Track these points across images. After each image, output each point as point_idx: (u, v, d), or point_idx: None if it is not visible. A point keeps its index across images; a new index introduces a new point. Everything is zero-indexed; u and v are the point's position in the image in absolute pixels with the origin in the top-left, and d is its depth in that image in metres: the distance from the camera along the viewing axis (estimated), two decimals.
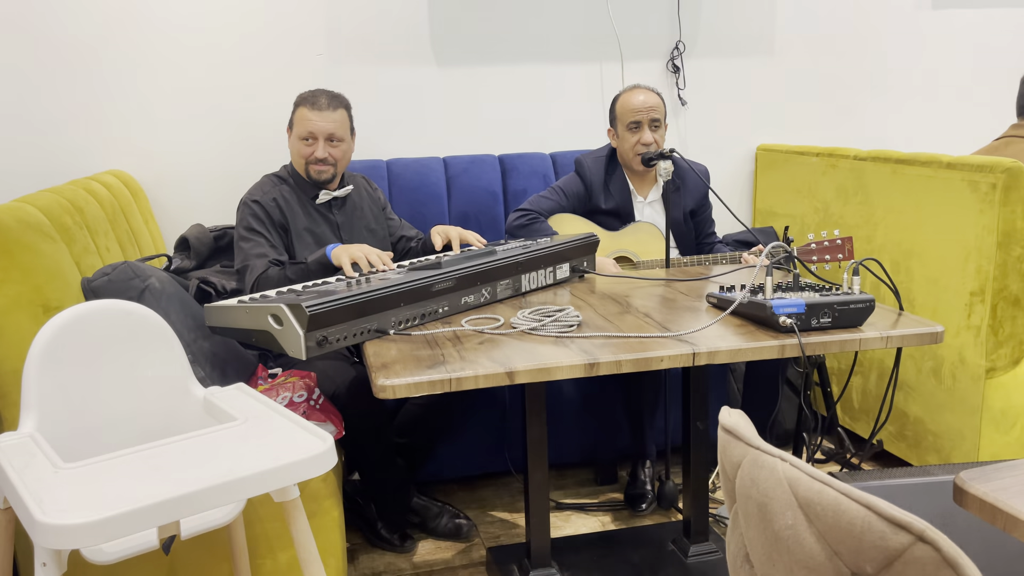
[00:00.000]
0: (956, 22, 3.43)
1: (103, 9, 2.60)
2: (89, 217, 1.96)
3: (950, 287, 2.31)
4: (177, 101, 2.72)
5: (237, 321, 1.71)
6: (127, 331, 1.42)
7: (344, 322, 1.64)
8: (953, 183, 2.27)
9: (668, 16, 3.11)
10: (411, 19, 2.87)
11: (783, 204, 3.10)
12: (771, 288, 1.68)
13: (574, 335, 1.66)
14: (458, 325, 1.77)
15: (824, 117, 3.36)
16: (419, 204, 2.86)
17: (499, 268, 1.96)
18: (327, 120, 2.25)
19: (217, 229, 2.53)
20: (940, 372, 2.36)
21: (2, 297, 1.54)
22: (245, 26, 2.73)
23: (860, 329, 1.66)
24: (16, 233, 1.54)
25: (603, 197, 2.60)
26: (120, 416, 1.41)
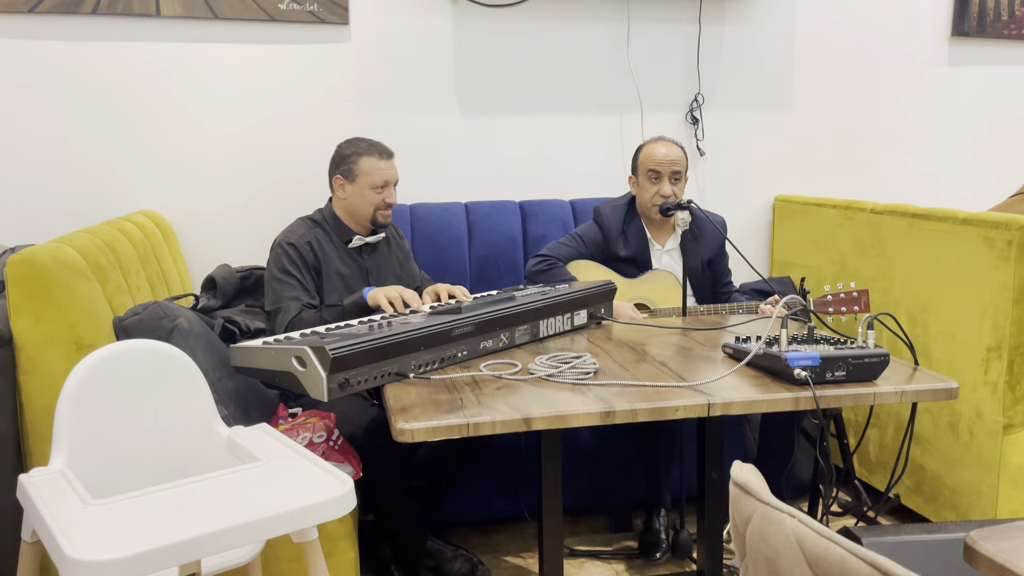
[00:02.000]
0: (972, 79, 3.48)
1: (143, 58, 2.71)
2: (122, 257, 2.02)
3: (967, 342, 2.31)
4: (208, 145, 2.80)
5: (261, 362, 1.75)
6: (157, 370, 1.47)
7: (365, 365, 1.68)
8: (969, 239, 2.29)
9: (687, 69, 3.18)
10: (438, 70, 2.96)
11: (800, 255, 3.13)
12: (786, 340, 1.70)
13: (591, 382, 1.69)
14: (476, 370, 1.80)
15: (841, 170, 3.40)
16: (441, 248, 2.92)
17: (518, 314, 1.99)
18: (392, 167, 2.40)
19: (243, 269, 2.59)
20: (957, 427, 2.35)
21: (38, 334, 1.59)
22: (276, 75, 2.83)
23: (875, 383, 1.67)
24: (54, 273, 1.59)
25: (621, 244, 2.64)
26: (147, 453, 1.44)
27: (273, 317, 2.30)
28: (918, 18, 3.38)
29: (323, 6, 2.81)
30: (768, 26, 3.23)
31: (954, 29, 3.40)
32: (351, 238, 2.41)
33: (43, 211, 2.69)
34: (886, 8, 3.34)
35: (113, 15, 2.66)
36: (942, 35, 3.41)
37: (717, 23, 3.18)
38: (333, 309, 2.27)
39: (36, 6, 2.60)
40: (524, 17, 3.00)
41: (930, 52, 3.42)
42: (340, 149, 2.41)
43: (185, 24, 2.72)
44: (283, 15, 2.78)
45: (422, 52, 2.94)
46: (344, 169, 2.37)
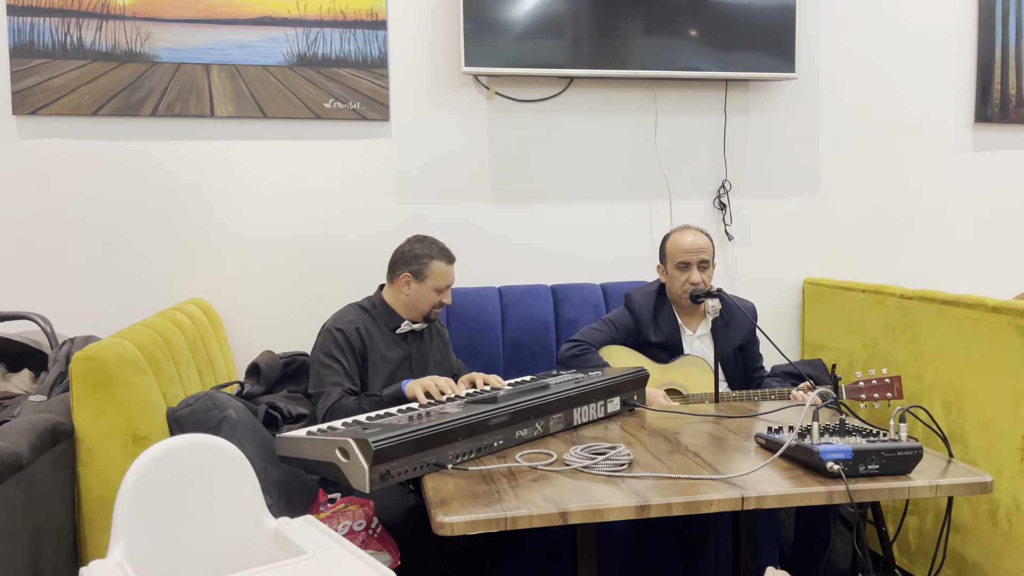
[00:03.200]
0: (997, 163, 3.53)
1: (198, 155, 2.87)
2: (175, 348, 2.12)
3: (1003, 430, 2.31)
4: (256, 235, 2.94)
5: (306, 452, 1.81)
6: (209, 464, 1.54)
7: (406, 456, 1.73)
8: (1000, 327, 2.31)
9: (714, 157, 3.28)
10: (473, 161, 3.09)
11: (831, 338, 3.15)
12: (818, 432, 1.73)
13: (625, 475, 1.72)
14: (512, 460, 1.85)
15: (868, 252, 3.44)
16: (475, 332, 2.99)
17: (552, 402, 2.04)
18: (454, 272, 2.54)
19: (286, 356, 2.68)
20: (996, 516, 2.33)
21: (98, 428, 1.68)
22: (321, 169, 2.98)
23: (909, 476, 1.69)
24: (115, 369, 1.69)
25: (652, 330, 2.69)
26: (199, 545, 1.50)
27: (315, 400, 2.38)
28: (941, 105, 3.47)
29: (366, 104, 2.97)
30: (793, 114, 3.34)
31: (977, 115, 3.48)
32: (398, 325, 2.50)
33: (100, 301, 2.82)
34: (909, 95, 3.43)
35: (171, 116, 2.84)
36: (966, 121, 3.49)
37: (743, 113, 3.29)
38: (371, 399, 2.34)
39: (99, 109, 2.79)
40: (555, 111, 3.14)
41: (954, 137, 3.49)
42: (413, 248, 2.50)
43: (237, 123, 2.89)
44: (328, 113, 2.95)
45: (458, 145, 3.08)
46: (415, 269, 2.47)
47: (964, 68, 3.47)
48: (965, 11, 3.45)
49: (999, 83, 3.47)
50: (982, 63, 3.45)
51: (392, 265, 2.53)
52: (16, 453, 1.41)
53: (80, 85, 2.77)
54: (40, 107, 2.75)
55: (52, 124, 2.78)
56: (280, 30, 2.89)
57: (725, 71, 3.11)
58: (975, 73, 3.47)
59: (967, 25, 3.45)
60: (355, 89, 2.96)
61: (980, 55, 3.45)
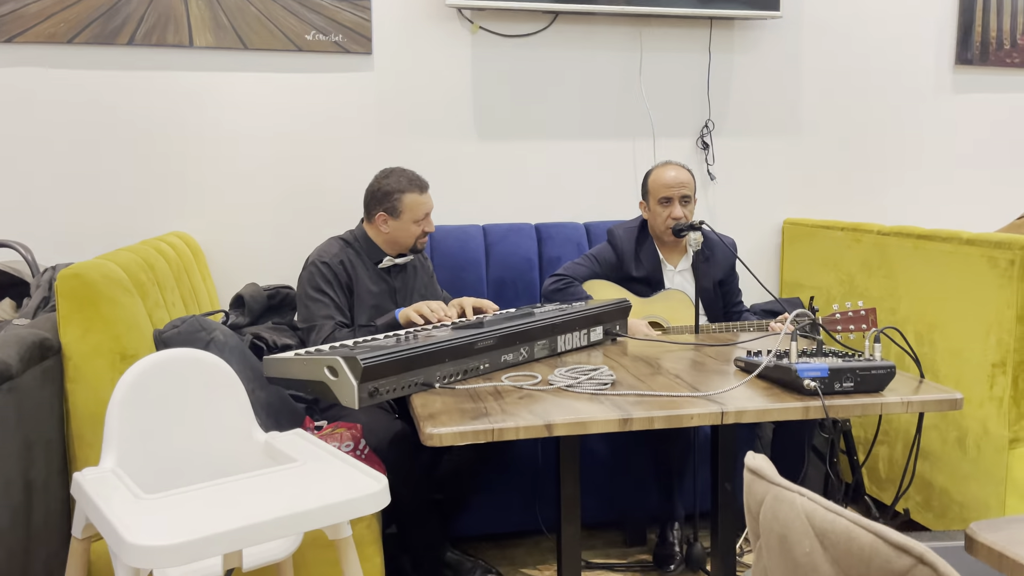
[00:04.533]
0: (976, 106, 3.57)
1: (176, 87, 2.83)
2: (159, 274, 2.12)
3: (972, 359, 2.38)
4: (237, 169, 2.91)
5: (295, 372, 1.84)
6: (199, 378, 1.55)
7: (394, 375, 1.76)
8: (973, 259, 2.36)
9: (698, 97, 3.28)
10: (456, 97, 3.07)
11: (809, 276, 3.20)
12: (796, 353, 1.77)
13: (608, 392, 1.76)
14: (498, 381, 1.88)
15: (848, 194, 3.48)
16: (459, 269, 3.01)
17: (537, 329, 2.08)
18: (430, 199, 2.51)
19: (270, 288, 2.68)
20: (965, 442, 2.41)
21: (85, 345, 1.68)
22: (303, 103, 2.95)
23: (881, 394, 1.74)
24: (101, 287, 1.69)
25: (634, 265, 2.72)
26: (189, 455, 1.52)
27: (306, 334, 2.38)
28: (922, 47, 3.48)
29: (348, 37, 2.93)
30: (776, 55, 3.34)
31: (957, 58, 3.50)
32: (381, 259, 2.50)
33: (79, 232, 2.80)
34: (891, 38, 3.44)
35: (148, 46, 2.79)
36: (946, 64, 3.51)
37: (727, 52, 3.28)
38: (366, 329, 2.36)
39: (75, 37, 2.73)
40: (540, 46, 3.12)
41: (934, 80, 3.51)
42: (381, 185, 2.47)
43: (217, 54, 2.85)
44: (309, 45, 2.91)
45: (441, 80, 3.05)
46: (388, 206, 2.45)
47: (946, 10, 3.48)
48: None
49: (980, 26, 3.48)
50: (964, 5, 3.46)
51: (366, 205, 2.51)
52: (5, 363, 1.41)
53: (55, 12, 2.71)
54: (15, 35, 2.69)
55: (28, 52, 2.72)
56: None
57: (710, 8, 3.10)
58: (957, 15, 3.48)
59: None
60: (337, 21, 2.92)
61: None
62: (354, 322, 2.45)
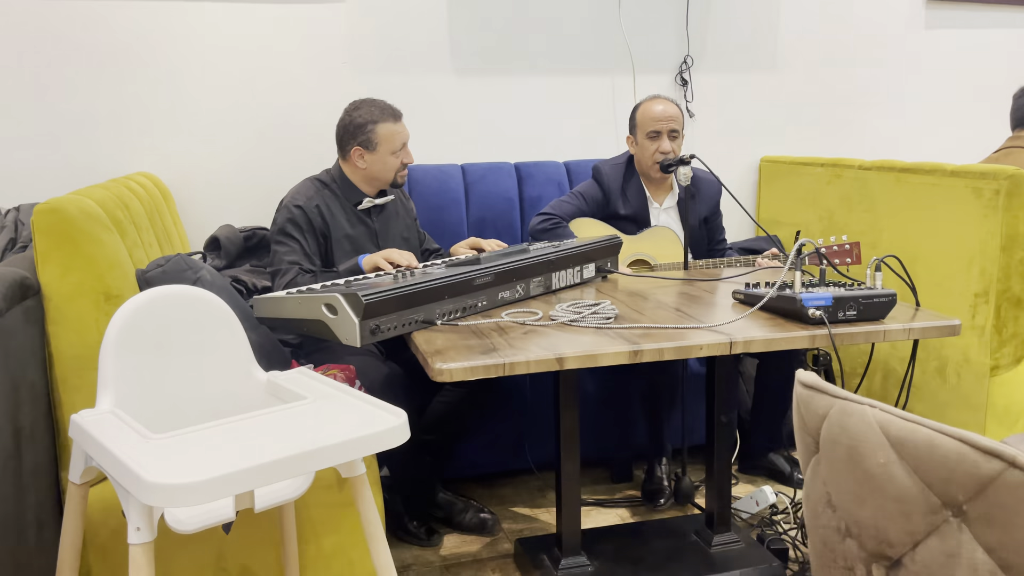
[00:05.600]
0: (947, 42, 3.58)
1: (133, 15, 2.66)
2: (134, 213, 2.02)
3: (954, 289, 2.41)
4: (202, 105, 2.78)
5: (288, 312, 1.77)
6: (195, 315, 1.48)
7: (394, 312, 1.71)
8: (957, 190, 2.38)
9: (677, 32, 3.22)
10: (431, 30, 2.96)
11: (787, 214, 3.21)
12: (799, 283, 1.77)
13: (613, 326, 1.74)
14: (498, 318, 1.84)
15: (823, 131, 3.48)
16: (439, 209, 2.94)
17: (533, 266, 2.04)
18: (405, 127, 2.40)
19: (246, 230, 2.58)
20: (945, 371, 2.46)
21: (67, 285, 1.59)
22: (269, 34, 2.81)
23: (883, 322, 1.75)
24: (81, 223, 1.59)
25: (621, 203, 2.68)
26: (188, 396, 1.46)
27: (272, 278, 2.30)
28: None
29: None
30: None
31: None
32: (360, 200, 2.41)
33: (37, 171, 2.65)
34: None
35: None
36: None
37: None
38: (328, 275, 2.27)
39: None
40: None
41: (908, 15, 3.51)
42: (353, 118, 2.36)
43: None
44: None
45: (416, 10, 2.93)
46: (363, 139, 2.34)
47: None
48: None
49: None
50: None
51: (339, 141, 2.41)
52: None
53: None
54: None
55: None
56: None
57: None
58: None
59: None
60: None
61: None
62: (334, 265, 2.37)
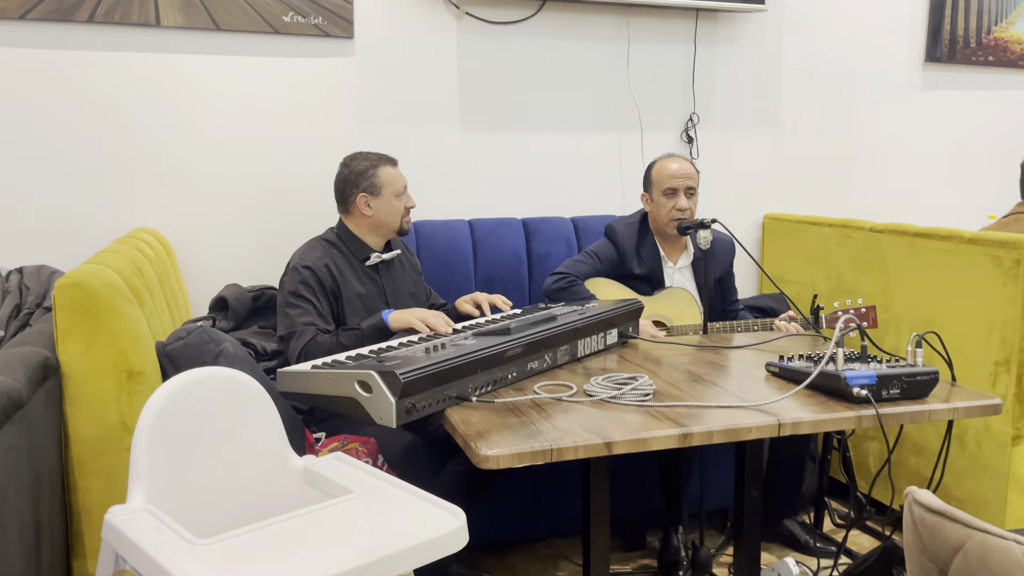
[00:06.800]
0: (944, 103, 3.64)
1: (141, 70, 2.59)
2: (147, 279, 1.94)
3: (973, 357, 2.41)
4: (208, 159, 2.70)
5: (317, 387, 1.69)
6: (229, 399, 1.40)
7: (429, 389, 1.64)
8: (975, 258, 2.39)
9: (683, 90, 3.23)
10: (441, 85, 2.93)
11: (793, 272, 3.20)
12: (843, 359, 1.74)
13: (655, 403, 1.69)
14: (528, 390, 1.78)
15: (823, 188, 3.51)
16: (446, 265, 2.88)
17: (561, 334, 1.98)
18: (402, 173, 2.41)
19: (254, 289, 2.50)
20: (964, 439, 2.44)
21: (89, 362, 1.50)
22: (279, 89, 2.75)
23: (926, 400, 1.73)
24: (104, 297, 1.51)
25: (635, 262, 2.65)
26: (222, 486, 1.37)
27: (287, 341, 2.21)
28: (895, 44, 3.53)
29: (328, 20, 2.75)
30: (759, 48, 3.32)
31: (927, 55, 3.56)
32: (368, 256, 2.36)
33: (39, 229, 2.54)
34: (866, 34, 3.47)
35: (110, 24, 2.55)
36: (916, 61, 3.57)
37: (711, 44, 3.24)
38: (351, 333, 2.20)
39: (28, 12, 2.47)
40: (527, 34, 3.00)
41: (905, 77, 3.57)
42: (352, 168, 2.34)
43: (186, 35, 2.63)
44: (287, 28, 2.71)
45: (426, 67, 2.91)
46: (367, 185, 2.32)
47: (917, 8, 3.53)
48: None
49: (949, 24, 3.55)
50: (934, 4, 3.52)
51: (340, 195, 2.37)
52: (17, 388, 1.23)
53: None
54: None
55: None
56: None
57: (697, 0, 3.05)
58: (927, 14, 3.54)
59: None
60: (317, 3, 2.73)
61: None
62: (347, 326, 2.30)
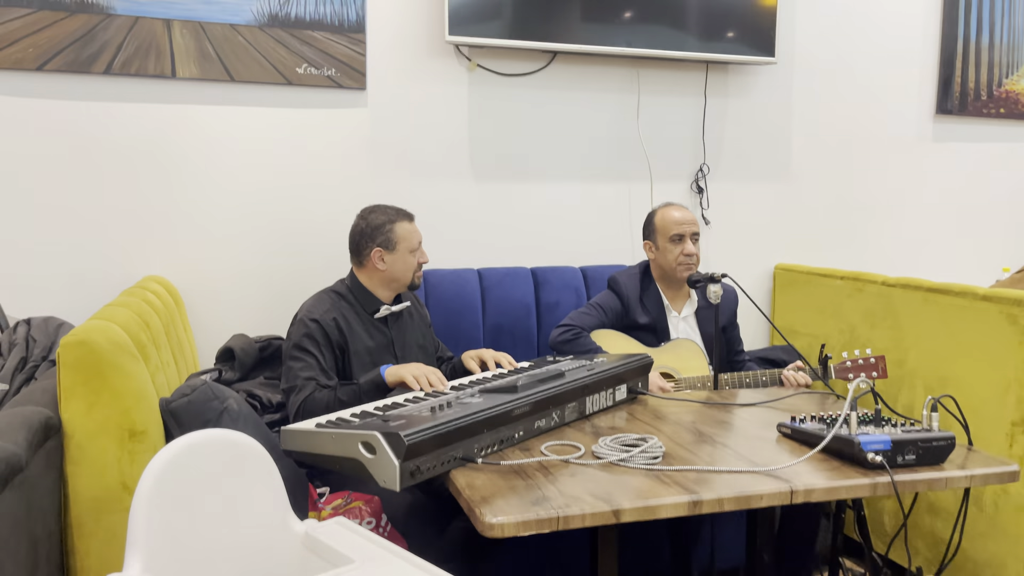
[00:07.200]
0: (956, 154, 3.63)
1: (156, 120, 2.62)
2: (154, 332, 1.93)
3: (990, 416, 2.36)
4: (220, 208, 2.72)
5: (320, 447, 1.67)
6: (231, 463, 1.38)
7: (433, 451, 1.61)
8: (990, 315, 2.35)
9: (693, 140, 3.24)
10: (452, 136, 2.95)
11: (804, 324, 3.17)
12: (856, 422, 1.70)
13: (664, 467, 1.65)
14: (536, 451, 1.75)
15: (835, 239, 3.49)
16: (455, 315, 2.87)
17: (569, 391, 1.96)
18: (418, 228, 2.41)
19: (261, 340, 2.49)
20: (981, 500, 2.39)
21: (90, 422, 1.49)
22: (291, 139, 2.77)
23: (942, 467, 1.69)
24: (109, 355, 1.50)
25: (639, 312, 2.65)
26: (221, 551, 1.35)
27: (287, 395, 2.20)
28: (905, 96, 3.53)
29: (341, 71, 2.78)
30: (769, 100, 3.33)
31: (938, 107, 3.56)
32: (377, 308, 2.35)
33: (47, 278, 2.55)
34: (876, 86, 3.48)
35: (126, 75, 2.58)
36: (927, 113, 3.57)
37: (721, 96, 3.26)
38: (349, 388, 2.18)
39: (45, 64, 2.51)
40: (538, 86, 3.03)
41: (916, 128, 3.57)
42: (369, 221, 2.34)
43: (201, 86, 2.66)
44: (300, 79, 2.74)
45: (437, 118, 2.93)
46: (383, 240, 2.32)
47: (927, 60, 3.55)
48: (930, 4, 3.51)
49: (960, 76, 3.56)
50: (944, 56, 3.53)
51: (355, 247, 2.37)
52: (17, 453, 1.21)
53: (24, 36, 2.48)
54: None
55: None
56: None
57: (708, 53, 3.07)
58: (938, 66, 3.55)
59: (932, 18, 3.53)
60: (330, 54, 2.77)
61: (943, 48, 3.53)
62: (352, 378, 2.28)
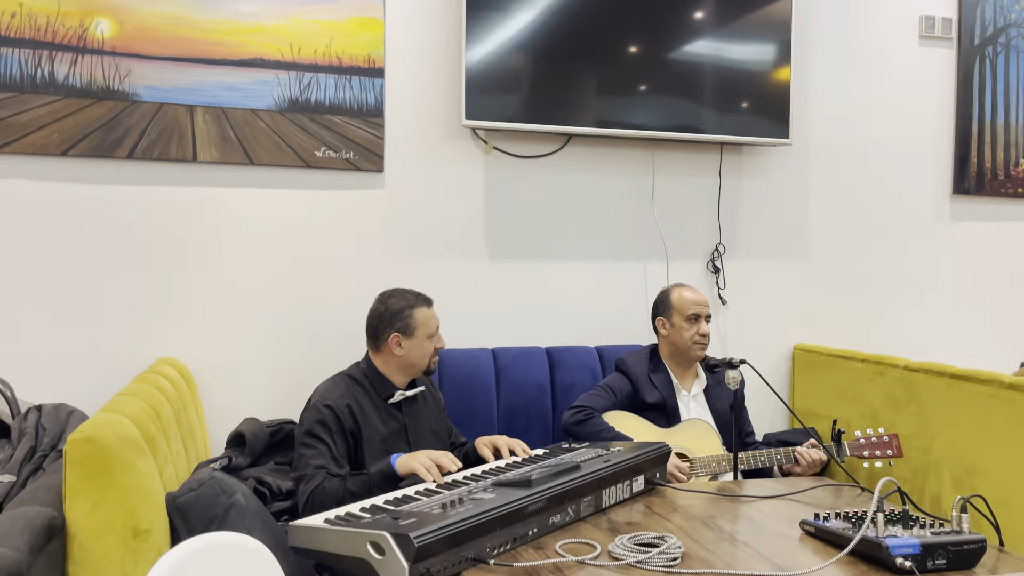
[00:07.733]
0: (974, 234, 3.61)
1: (177, 203, 2.66)
2: (164, 421, 1.91)
3: (1019, 509, 2.28)
4: (234, 288, 2.73)
5: (328, 544, 1.62)
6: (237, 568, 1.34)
7: (444, 552, 1.56)
8: (1017, 404, 2.29)
9: (709, 220, 3.24)
10: (469, 217, 2.97)
11: (825, 406, 3.11)
12: (883, 522, 1.64)
13: (682, 570, 1.59)
14: (550, 550, 1.70)
15: (853, 319, 3.44)
16: (469, 395, 2.84)
17: (585, 485, 1.91)
18: (436, 314, 2.39)
19: (273, 424, 2.47)
20: None
21: (94, 521, 1.46)
22: (309, 220, 2.80)
23: (974, 572, 1.61)
24: (117, 452, 1.48)
25: (649, 391, 2.65)
26: None
27: (296, 483, 2.16)
28: (922, 177, 3.53)
29: (359, 154, 2.82)
30: (784, 180, 3.34)
31: (955, 187, 3.55)
32: (392, 393, 2.32)
33: (62, 361, 2.55)
34: (892, 166, 3.49)
35: (148, 160, 2.63)
36: (944, 193, 3.56)
37: (736, 176, 3.27)
38: (358, 479, 2.13)
39: (69, 149, 2.56)
40: (553, 167, 3.05)
41: (933, 208, 3.55)
42: (388, 305, 2.33)
43: (221, 169, 2.70)
44: (319, 162, 2.79)
45: (454, 199, 2.95)
46: (401, 325, 2.30)
47: (943, 140, 3.56)
48: (945, 86, 3.54)
49: (976, 156, 3.56)
50: (960, 136, 3.54)
51: (373, 331, 2.35)
52: (18, 560, 1.18)
53: (49, 122, 2.54)
54: (2, 145, 2.51)
55: (15, 163, 2.53)
56: (272, 73, 2.73)
57: (722, 135, 3.09)
58: (953, 146, 3.56)
59: (946, 99, 3.55)
60: (348, 138, 2.81)
61: (958, 128, 3.54)
62: (364, 465, 2.24)
